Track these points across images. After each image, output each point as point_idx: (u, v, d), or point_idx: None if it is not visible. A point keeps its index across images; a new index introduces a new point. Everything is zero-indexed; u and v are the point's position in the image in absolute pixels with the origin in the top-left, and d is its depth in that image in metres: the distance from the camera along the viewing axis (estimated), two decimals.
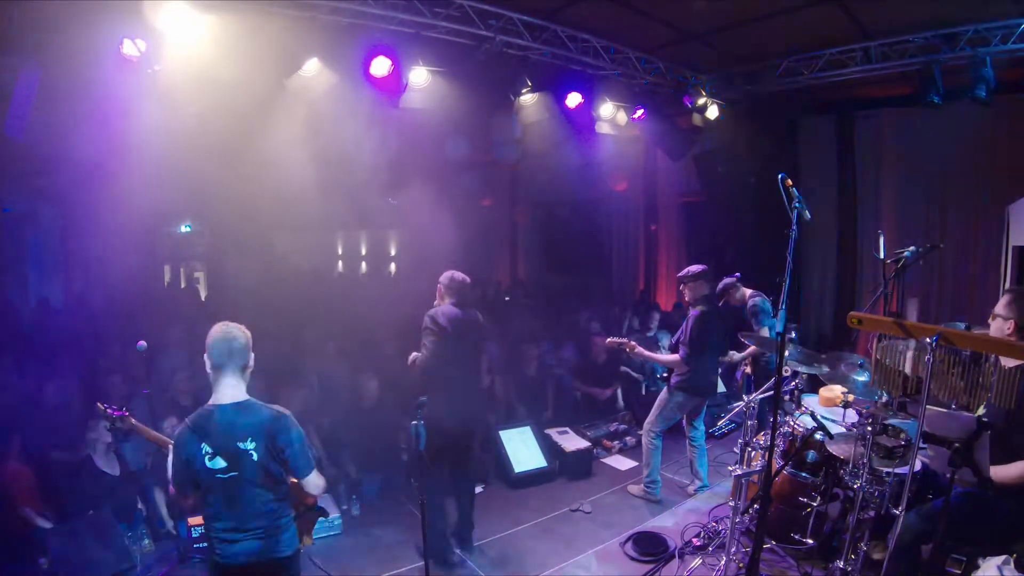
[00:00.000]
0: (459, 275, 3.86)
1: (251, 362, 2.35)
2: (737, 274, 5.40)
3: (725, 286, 5.29)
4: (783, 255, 2.46)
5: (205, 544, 2.38)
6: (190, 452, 2.21)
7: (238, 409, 2.26)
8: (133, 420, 2.76)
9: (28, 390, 5.02)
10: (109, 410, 2.76)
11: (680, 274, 4.71)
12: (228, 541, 2.27)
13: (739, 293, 5.27)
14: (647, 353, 4.87)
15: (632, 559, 3.86)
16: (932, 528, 2.58)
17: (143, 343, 4.03)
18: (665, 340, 6.78)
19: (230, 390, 2.28)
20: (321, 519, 4.15)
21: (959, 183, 6.66)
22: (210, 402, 2.29)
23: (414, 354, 3.76)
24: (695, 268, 4.61)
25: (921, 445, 2.58)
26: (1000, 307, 2.74)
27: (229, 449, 2.21)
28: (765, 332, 5.06)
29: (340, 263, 14.03)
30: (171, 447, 2.53)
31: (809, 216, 2.51)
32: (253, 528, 2.27)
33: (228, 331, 2.31)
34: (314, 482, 2.43)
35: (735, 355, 5.17)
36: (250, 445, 2.22)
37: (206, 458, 2.20)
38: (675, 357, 4.58)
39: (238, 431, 2.22)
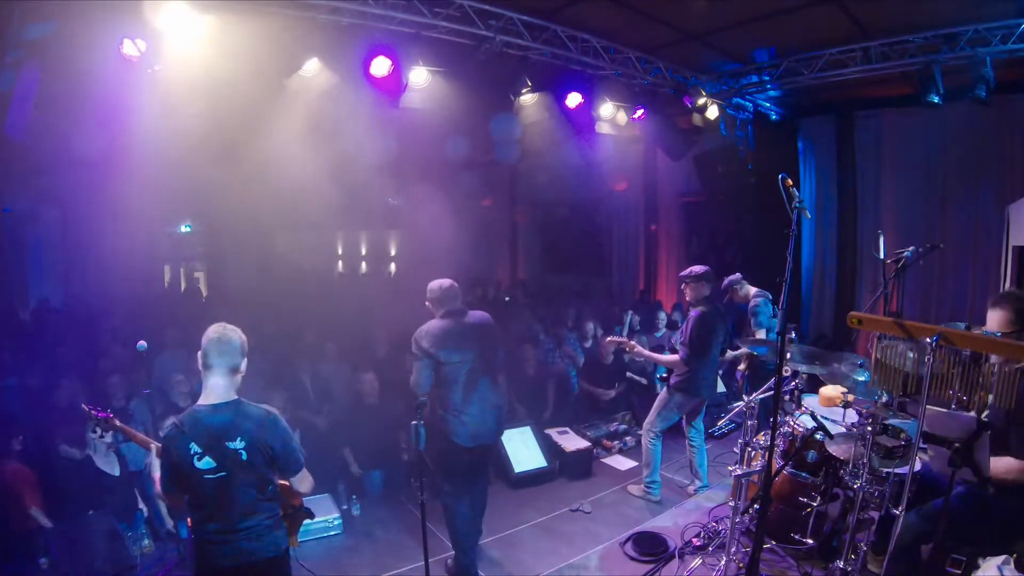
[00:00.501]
0: (441, 282, 3.64)
1: (243, 366, 2.35)
2: (739, 274, 5.42)
3: (730, 282, 5.33)
4: (783, 255, 2.46)
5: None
6: (179, 452, 2.20)
7: (227, 409, 2.26)
8: (117, 422, 2.77)
9: (29, 389, 5.03)
10: (93, 411, 2.77)
11: (682, 273, 4.71)
12: (218, 543, 2.26)
13: (743, 291, 5.29)
14: (647, 353, 4.88)
15: (632, 559, 3.85)
16: (932, 528, 2.58)
17: (143, 343, 4.02)
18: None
19: (220, 390, 2.28)
20: (323, 519, 4.20)
21: (959, 183, 6.66)
22: (199, 402, 2.29)
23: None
24: (698, 268, 4.62)
25: (921, 445, 2.58)
26: (1001, 324, 2.70)
27: (218, 449, 2.20)
28: (762, 333, 5.07)
29: (340, 263, 14.04)
30: (154, 447, 2.55)
31: (809, 216, 2.51)
32: (243, 528, 2.27)
33: (224, 332, 2.32)
34: (303, 481, 2.43)
35: (730, 352, 5.19)
36: (239, 445, 2.22)
37: (195, 458, 2.19)
38: (675, 357, 4.58)
39: (227, 431, 2.22)
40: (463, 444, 3.48)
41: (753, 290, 5.28)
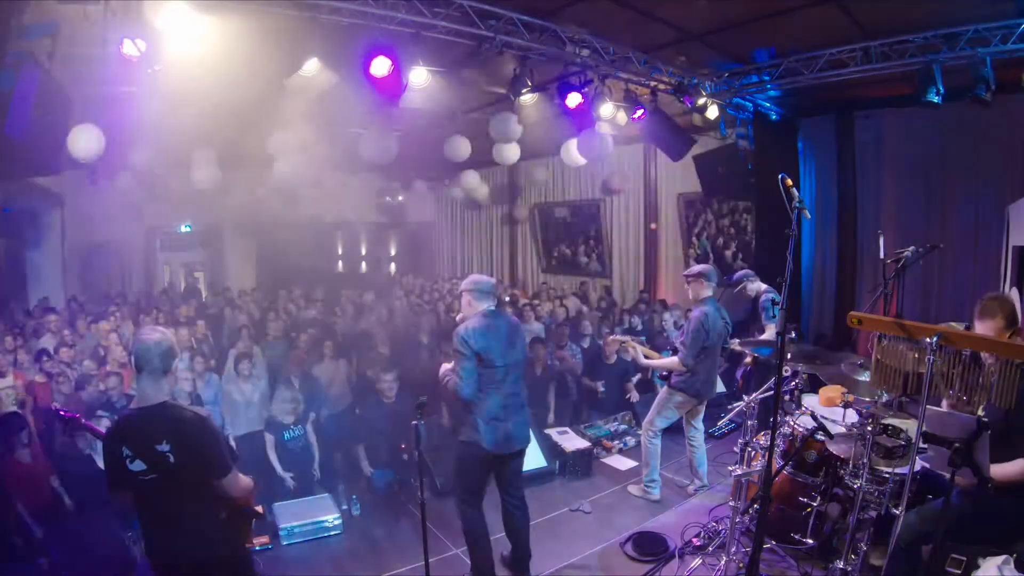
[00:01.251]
0: (486, 277, 3.57)
1: (173, 367, 2.39)
2: (749, 270, 5.49)
3: (741, 277, 5.42)
4: (783, 255, 2.46)
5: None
6: (113, 455, 2.25)
7: (155, 411, 2.28)
8: (83, 421, 2.83)
9: (29, 389, 5.03)
10: (61, 412, 2.83)
11: (685, 272, 4.75)
12: (162, 540, 2.33)
13: (753, 286, 5.38)
14: (644, 361, 4.87)
15: (632, 559, 3.86)
16: (932, 528, 2.58)
17: None
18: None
19: (150, 392, 2.30)
20: (322, 519, 4.20)
21: (959, 183, 6.66)
22: (132, 404, 2.34)
23: (444, 368, 3.53)
24: (698, 267, 4.64)
25: (921, 445, 2.58)
26: (995, 334, 2.70)
27: (147, 452, 2.23)
28: (772, 327, 5.08)
29: (340, 263, 14.04)
30: None
31: (809, 216, 2.51)
32: (182, 529, 2.32)
33: (151, 335, 2.36)
34: (233, 483, 2.42)
35: (737, 343, 5.22)
36: (165, 447, 2.23)
37: (127, 461, 2.22)
38: (673, 360, 4.59)
39: (155, 433, 2.24)
40: (494, 451, 3.38)
41: (763, 286, 5.36)
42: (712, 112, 6.77)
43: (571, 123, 6.44)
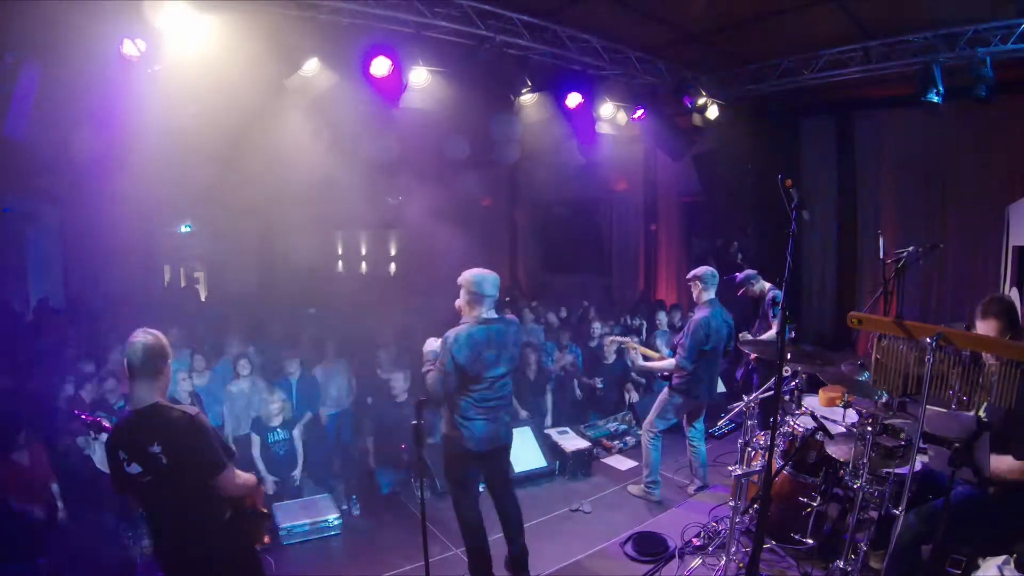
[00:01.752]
0: (487, 275, 3.34)
1: (165, 369, 2.38)
2: (753, 269, 5.51)
3: (746, 276, 5.44)
4: (783, 255, 2.46)
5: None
6: (112, 460, 2.27)
7: (147, 414, 2.29)
8: (104, 423, 2.82)
9: (29, 389, 5.03)
10: (83, 416, 2.87)
11: (688, 275, 4.75)
12: (164, 539, 2.36)
13: (758, 285, 5.41)
14: (642, 364, 4.87)
15: (632, 559, 3.86)
16: (932, 528, 2.58)
17: None
18: (662, 340, 6.83)
19: (143, 395, 2.30)
20: (322, 519, 4.20)
21: (959, 183, 6.65)
22: (127, 408, 2.36)
23: (429, 345, 3.43)
24: (702, 269, 4.64)
25: (921, 445, 2.58)
26: (995, 334, 2.72)
27: (141, 454, 2.24)
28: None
29: (340, 263, 14.04)
30: None
31: (808, 216, 2.51)
32: (184, 529, 2.33)
33: (143, 338, 2.35)
34: (229, 481, 2.40)
35: (746, 335, 5.24)
36: (157, 449, 2.24)
37: (124, 464, 2.24)
38: (671, 362, 4.59)
39: (147, 436, 2.24)
40: (478, 450, 3.37)
41: (767, 285, 5.39)
42: (712, 112, 6.77)
43: (571, 123, 6.43)
